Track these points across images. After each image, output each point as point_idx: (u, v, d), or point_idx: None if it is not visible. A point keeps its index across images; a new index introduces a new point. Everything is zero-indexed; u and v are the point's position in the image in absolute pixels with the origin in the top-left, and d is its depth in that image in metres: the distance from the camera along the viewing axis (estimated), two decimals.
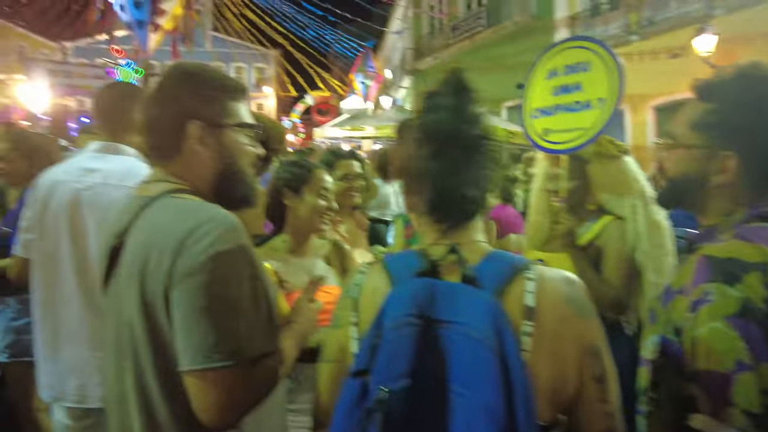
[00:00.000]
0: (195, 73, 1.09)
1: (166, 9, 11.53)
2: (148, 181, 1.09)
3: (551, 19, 13.71)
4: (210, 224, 0.92)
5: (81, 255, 1.69)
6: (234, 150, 1.10)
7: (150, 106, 1.08)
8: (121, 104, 1.80)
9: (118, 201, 1.61)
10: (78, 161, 1.78)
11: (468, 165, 0.89)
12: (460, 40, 16.91)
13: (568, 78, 1.92)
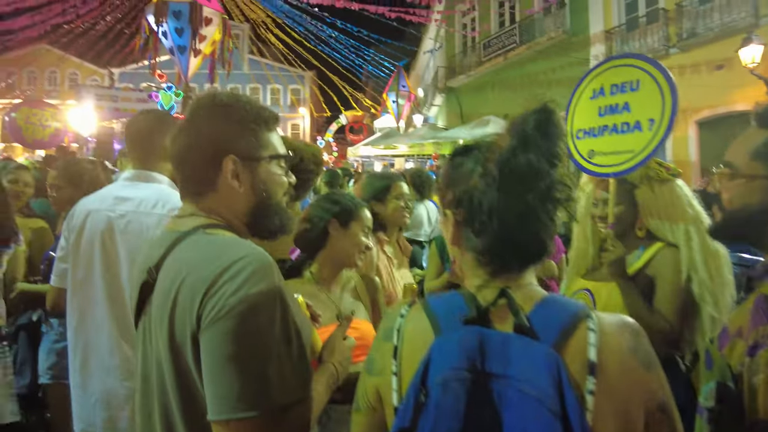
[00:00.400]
0: (230, 105, 1.05)
1: (205, 35, 11.93)
2: (180, 216, 1.06)
3: (586, 34, 13.52)
4: (241, 263, 0.88)
5: (113, 282, 1.70)
6: (269, 183, 1.07)
7: (184, 138, 1.04)
8: (150, 132, 1.81)
9: (149, 228, 1.62)
10: (111, 190, 1.80)
11: (543, 209, 0.80)
12: (492, 58, 16.86)
13: (615, 98, 1.83)
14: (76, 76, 36.35)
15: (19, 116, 15.34)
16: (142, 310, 1.02)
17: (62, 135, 16.62)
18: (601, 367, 0.73)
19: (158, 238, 1.06)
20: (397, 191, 2.49)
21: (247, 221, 1.06)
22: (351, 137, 29.48)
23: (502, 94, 16.95)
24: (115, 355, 1.68)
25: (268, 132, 1.08)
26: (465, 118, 18.43)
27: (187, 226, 1.00)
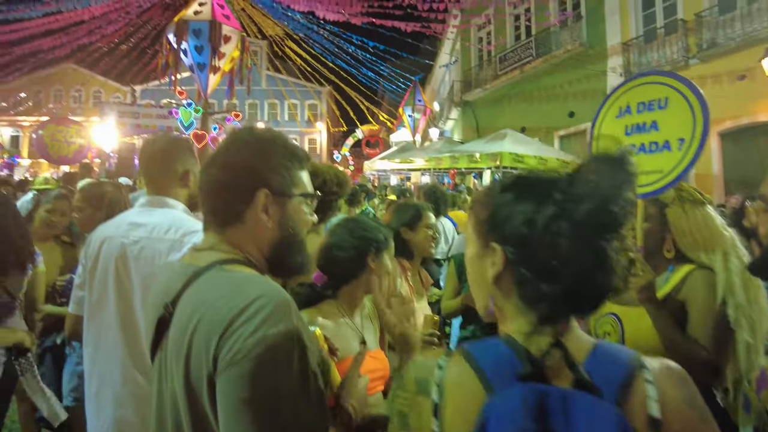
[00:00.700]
0: (266, 141, 1.07)
1: (224, 52, 12.15)
2: (199, 248, 1.06)
3: (603, 46, 13.44)
4: (258, 302, 0.86)
5: (126, 309, 1.69)
6: (296, 220, 1.07)
7: (217, 168, 1.04)
8: (163, 158, 1.81)
9: (162, 254, 1.62)
10: (126, 216, 1.80)
11: (612, 253, 0.76)
12: (508, 71, 16.84)
13: (642, 116, 1.78)
14: (100, 94, 37.33)
15: (45, 133, 15.78)
16: (158, 344, 1.00)
17: (86, 151, 17.06)
18: (664, 424, 0.69)
19: (175, 272, 1.04)
20: (428, 221, 2.54)
21: (270, 257, 1.05)
22: (367, 151, 29.63)
23: (518, 107, 16.90)
24: (128, 384, 1.66)
25: (300, 170, 1.10)
26: (481, 131, 18.39)
27: (205, 260, 0.99)
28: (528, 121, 16.02)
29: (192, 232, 1.66)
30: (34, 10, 12.86)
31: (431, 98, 26.88)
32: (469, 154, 11.56)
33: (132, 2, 14.45)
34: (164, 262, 1.63)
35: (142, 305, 1.65)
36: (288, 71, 32.09)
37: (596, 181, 0.75)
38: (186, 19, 11.78)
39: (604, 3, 13.11)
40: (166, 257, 1.63)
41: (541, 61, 15.28)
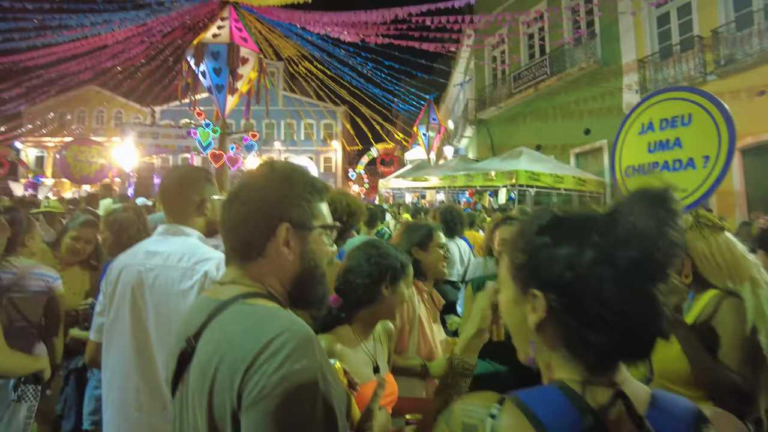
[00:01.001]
0: (287, 175, 1.08)
1: (242, 74, 12.37)
2: (221, 282, 1.06)
3: (618, 63, 13.41)
4: (281, 338, 0.86)
5: (142, 337, 1.71)
6: (317, 252, 1.08)
7: (239, 204, 1.05)
8: (181, 188, 1.87)
9: (174, 282, 1.64)
10: (144, 245, 1.83)
11: (658, 298, 0.72)
12: (523, 89, 16.87)
13: (665, 133, 1.74)
14: (121, 115, 38.27)
15: (68, 154, 16.20)
16: (180, 378, 1.00)
17: (106, 171, 17.47)
18: None
19: (198, 306, 1.05)
20: (439, 240, 2.48)
21: (291, 289, 1.06)
22: (382, 169, 29.79)
23: (533, 125, 16.87)
24: (143, 409, 1.67)
25: (320, 201, 1.11)
26: (496, 149, 18.38)
27: (227, 294, 0.99)
28: (543, 139, 15.97)
29: (204, 260, 1.69)
30: (61, 36, 13.29)
31: (446, 117, 27.00)
32: (485, 172, 11.53)
33: (153, 26, 14.85)
34: (177, 290, 1.65)
35: (156, 332, 1.67)
36: (304, 91, 32.60)
37: (637, 222, 0.72)
38: (205, 42, 12.05)
39: (618, 21, 13.11)
40: (178, 285, 1.66)
41: (555, 79, 15.28)
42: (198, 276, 1.65)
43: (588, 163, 14.72)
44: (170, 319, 1.65)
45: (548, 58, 15.93)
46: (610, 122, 13.53)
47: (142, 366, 1.68)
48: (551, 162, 12.60)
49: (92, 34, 13.90)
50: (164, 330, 1.66)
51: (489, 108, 19.11)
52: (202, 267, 1.67)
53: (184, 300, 1.64)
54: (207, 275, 1.65)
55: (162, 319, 1.67)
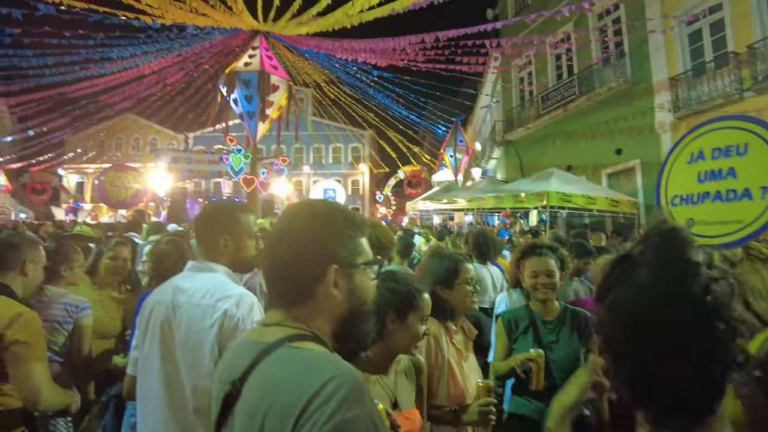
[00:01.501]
0: (327, 214, 1.07)
1: (272, 101, 12.69)
2: (265, 324, 1.05)
3: (649, 83, 13.19)
4: (333, 385, 0.84)
5: (171, 372, 1.72)
6: (364, 289, 1.07)
7: (284, 249, 1.04)
8: (211, 225, 1.91)
9: (197, 319, 1.67)
10: (174, 280, 1.87)
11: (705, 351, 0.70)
12: (551, 110, 16.74)
13: (718, 162, 1.66)
14: (156, 141, 39.64)
15: (106, 179, 16.82)
16: (224, 420, 0.99)
17: (142, 195, 18.04)
18: None
19: (242, 348, 1.03)
20: (465, 275, 2.24)
21: (337, 329, 1.04)
22: (409, 191, 29.83)
23: (562, 145, 16.67)
24: None
25: (361, 237, 1.10)
26: (525, 170, 18.20)
27: (273, 337, 0.98)
28: (573, 160, 15.74)
29: (225, 297, 1.70)
30: (103, 68, 13.94)
31: (473, 138, 26.98)
32: (515, 193, 11.38)
33: (188, 57, 15.43)
34: (199, 327, 1.67)
35: (183, 368, 1.69)
36: (332, 116, 33.22)
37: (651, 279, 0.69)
38: (237, 71, 12.45)
39: (648, 40, 12.93)
40: (201, 323, 1.67)
41: (584, 99, 15.11)
42: (218, 314, 1.67)
43: (620, 183, 14.41)
44: (194, 355, 1.67)
45: (576, 79, 15.79)
46: (642, 142, 13.26)
47: (171, 400, 1.70)
48: (583, 183, 12.36)
49: (131, 66, 14.53)
50: (189, 366, 1.68)
51: (517, 129, 19.01)
52: (223, 305, 1.68)
53: (206, 338, 1.66)
54: (226, 313, 1.66)
55: (187, 356, 1.69)
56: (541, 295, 2.57)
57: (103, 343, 3.11)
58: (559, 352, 2.41)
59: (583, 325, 2.56)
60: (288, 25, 12.82)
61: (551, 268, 2.58)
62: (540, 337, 2.52)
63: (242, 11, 12.17)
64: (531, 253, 2.69)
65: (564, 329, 2.55)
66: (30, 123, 19.34)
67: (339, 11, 10.56)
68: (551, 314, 2.60)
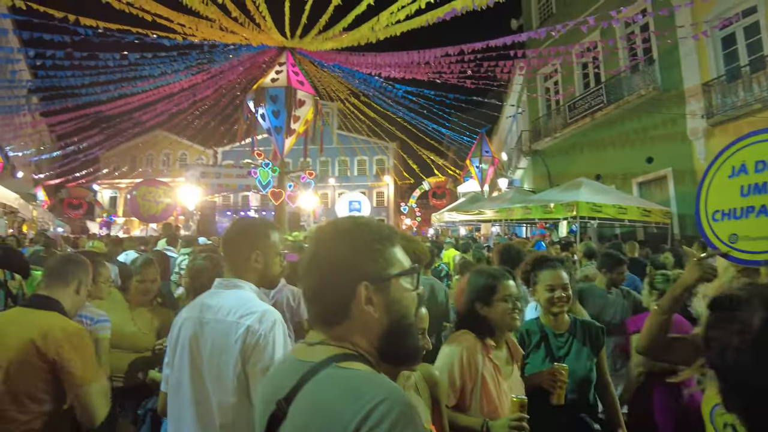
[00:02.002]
0: (351, 231, 1.05)
1: (299, 115, 12.87)
2: (309, 343, 1.04)
3: (680, 89, 12.89)
4: (383, 407, 0.81)
5: (200, 388, 1.74)
6: (402, 301, 1.03)
7: (314, 272, 1.03)
8: (237, 242, 1.94)
9: (221, 335, 1.69)
10: (202, 297, 1.90)
11: None
12: (579, 119, 16.50)
13: (762, 176, 1.61)
14: (186, 156, 40.64)
15: (138, 194, 17.30)
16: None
17: (172, 209, 18.48)
18: None
19: (287, 367, 1.03)
20: (504, 292, 2.20)
21: (380, 346, 1.01)
22: (434, 202, 29.73)
23: (591, 154, 16.40)
24: None
25: (392, 248, 1.06)
26: (553, 179, 17.95)
27: (318, 356, 0.97)
28: (602, 169, 15.46)
29: (249, 313, 1.72)
30: (135, 86, 14.41)
31: (498, 148, 26.79)
32: (543, 204, 11.22)
33: (216, 73, 15.82)
34: (224, 344, 1.69)
35: (210, 384, 1.71)
36: (357, 129, 33.55)
37: None
38: (264, 86, 12.67)
39: (679, 45, 12.66)
40: (225, 339, 1.70)
41: (613, 107, 14.86)
42: (241, 330, 1.68)
43: (652, 192, 14.06)
44: (219, 371, 1.69)
45: (604, 87, 15.56)
46: (674, 149, 12.93)
47: (200, 416, 1.72)
48: (613, 192, 12.11)
49: (162, 84, 14.99)
50: (215, 383, 1.70)
51: (544, 138, 18.80)
52: (246, 321, 1.70)
53: (231, 354, 1.67)
54: (249, 329, 1.68)
55: (213, 372, 1.71)
56: (557, 309, 2.54)
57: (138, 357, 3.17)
58: (570, 364, 2.37)
59: (594, 337, 2.56)
60: (314, 41, 13.02)
61: (565, 281, 2.56)
62: (552, 351, 2.50)
63: (270, 28, 12.43)
64: (543, 266, 2.64)
65: (575, 342, 2.54)
66: (67, 141, 20.13)
67: (364, 26, 10.68)
68: (562, 327, 2.59)
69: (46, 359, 2.00)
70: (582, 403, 2.43)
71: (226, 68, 15.55)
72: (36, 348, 2.00)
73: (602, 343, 2.58)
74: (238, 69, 15.88)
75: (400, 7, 9.04)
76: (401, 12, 9.03)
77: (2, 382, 1.96)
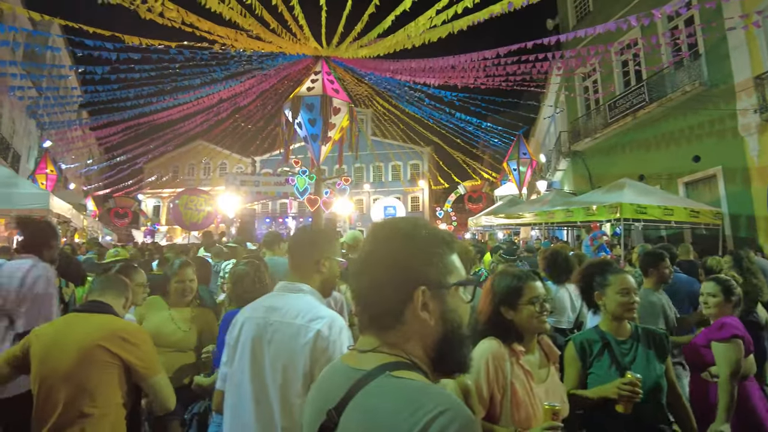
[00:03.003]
0: (412, 233, 1.00)
1: (335, 123, 13.01)
2: (361, 350, 0.99)
3: (729, 84, 12.31)
4: (443, 419, 0.77)
5: (260, 388, 1.77)
6: (458, 311, 0.99)
7: (369, 274, 1.00)
8: (304, 247, 1.99)
9: (290, 337, 1.72)
10: (266, 299, 1.94)
11: None
12: (620, 118, 16.02)
13: None
14: (225, 165, 41.79)
15: (180, 203, 17.88)
16: None
17: (212, 217, 18.99)
18: None
19: (338, 375, 0.99)
20: (531, 294, 2.10)
21: (434, 355, 0.97)
22: (470, 206, 29.44)
23: (633, 154, 15.89)
24: None
25: (451, 254, 1.02)
26: (594, 181, 17.48)
27: (370, 364, 0.93)
28: (646, 169, 14.93)
29: (318, 318, 1.74)
30: (177, 99, 14.94)
31: (536, 150, 26.34)
32: (585, 206, 10.92)
33: (254, 84, 16.20)
34: (292, 346, 1.72)
35: (272, 384, 1.74)
36: (391, 135, 33.70)
37: None
38: (300, 95, 12.88)
39: (727, 38, 12.10)
40: (294, 341, 1.72)
41: (656, 105, 14.33)
42: (311, 334, 1.70)
43: (700, 192, 13.47)
44: (286, 373, 1.71)
45: (646, 85, 15.06)
46: (724, 146, 12.35)
47: (260, 416, 1.74)
48: (658, 193, 11.66)
49: (203, 95, 15.47)
50: (280, 384, 1.72)
51: (584, 139, 18.33)
52: (316, 325, 1.72)
53: (299, 357, 1.69)
54: (319, 334, 1.70)
55: (277, 374, 1.73)
56: (630, 314, 2.46)
57: (181, 356, 3.32)
58: (639, 371, 2.25)
59: (659, 343, 2.46)
60: (349, 48, 13.15)
61: (635, 286, 2.50)
62: (617, 358, 2.39)
63: (308, 38, 12.64)
64: (612, 269, 2.58)
65: (640, 347, 2.43)
66: (114, 153, 21.05)
67: (400, 32, 10.70)
68: (624, 334, 2.48)
69: (112, 357, 2.15)
70: (658, 414, 2.32)
71: (263, 78, 15.91)
72: (101, 348, 2.14)
73: (668, 350, 2.48)
74: (274, 79, 16.22)
75: (436, 12, 9.01)
76: (438, 17, 8.99)
77: (73, 381, 2.10)
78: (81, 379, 2.11)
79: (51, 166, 18.08)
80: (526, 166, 19.06)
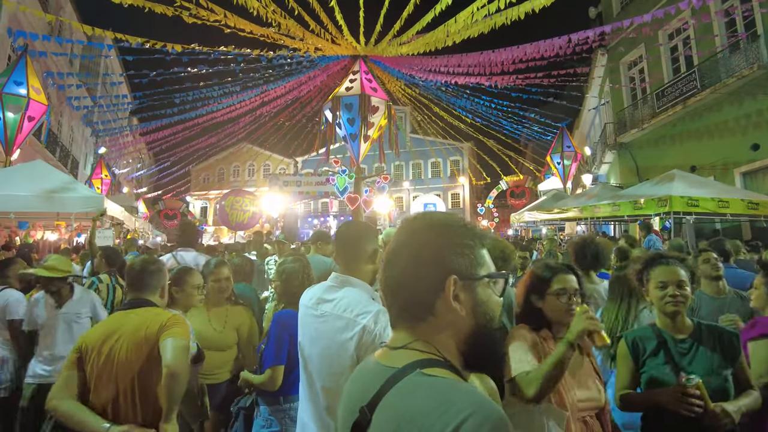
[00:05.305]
0: (446, 224, 1.01)
1: (373, 121, 13.11)
2: (392, 346, 0.99)
3: None
4: (475, 420, 0.75)
5: (307, 374, 1.94)
6: (489, 304, 0.99)
7: (402, 262, 1.00)
8: (355, 239, 2.06)
9: (339, 330, 1.82)
10: (318, 290, 2.05)
11: None
12: (669, 107, 15.34)
13: None
14: (268, 166, 42.78)
15: (226, 204, 18.45)
16: None
17: (257, 218, 19.51)
18: None
19: (370, 372, 0.99)
20: (559, 286, 2.16)
21: (465, 350, 0.97)
22: (512, 202, 28.91)
23: (684, 144, 15.18)
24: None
25: (482, 248, 1.02)
26: (642, 173, 16.83)
27: (401, 361, 0.92)
28: (698, 159, 14.23)
29: (365, 312, 1.80)
30: (221, 104, 15.45)
31: (581, 143, 25.58)
32: (633, 199, 10.53)
33: (293, 86, 16.51)
34: (339, 338, 1.81)
35: (319, 373, 1.88)
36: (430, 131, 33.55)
37: None
38: (339, 95, 13.05)
39: None
40: (342, 334, 1.80)
41: (708, 91, 13.63)
42: (358, 328, 1.77)
43: (758, 182, 12.72)
44: (332, 362, 1.82)
45: (697, 71, 14.34)
46: None
47: (310, 396, 1.92)
48: (712, 185, 11.08)
49: (246, 98, 15.90)
50: (326, 372, 1.85)
51: (630, 131, 17.66)
52: (362, 320, 1.78)
53: (346, 350, 1.77)
54: (365, 329, 1.76)
55: (325, 362, 1.85)
56: (670, 308, 2.28)
57: (221, 355, 3.46)
58: (695, 373, 2.07)
59: (727, 344, 2.24)
60: (388, 46, 13.20)
61: (682, 278, 2.31)
62: (673, 358, 2.23)
63: (347, 38, 12.78)
64: (656, 263, 2.43)
65: (701, 348, 2.24)
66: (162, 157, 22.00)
67: (439, 29, 10.66)
68: (683, 332, 2.30)
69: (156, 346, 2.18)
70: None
71: (304, 80, 16.19)
72: (146, 338, 2.20)
73: (738, 352, 2.26)
74: (315, 80, 16.48)
75: (477, 8, 8.92)
76: (479, 12, 8.90)
77: (125, 377, 2.16)
78: (131, 373, 2.16)
79: (105, 171, 19.12)
80: (571, 160, 18.56)
